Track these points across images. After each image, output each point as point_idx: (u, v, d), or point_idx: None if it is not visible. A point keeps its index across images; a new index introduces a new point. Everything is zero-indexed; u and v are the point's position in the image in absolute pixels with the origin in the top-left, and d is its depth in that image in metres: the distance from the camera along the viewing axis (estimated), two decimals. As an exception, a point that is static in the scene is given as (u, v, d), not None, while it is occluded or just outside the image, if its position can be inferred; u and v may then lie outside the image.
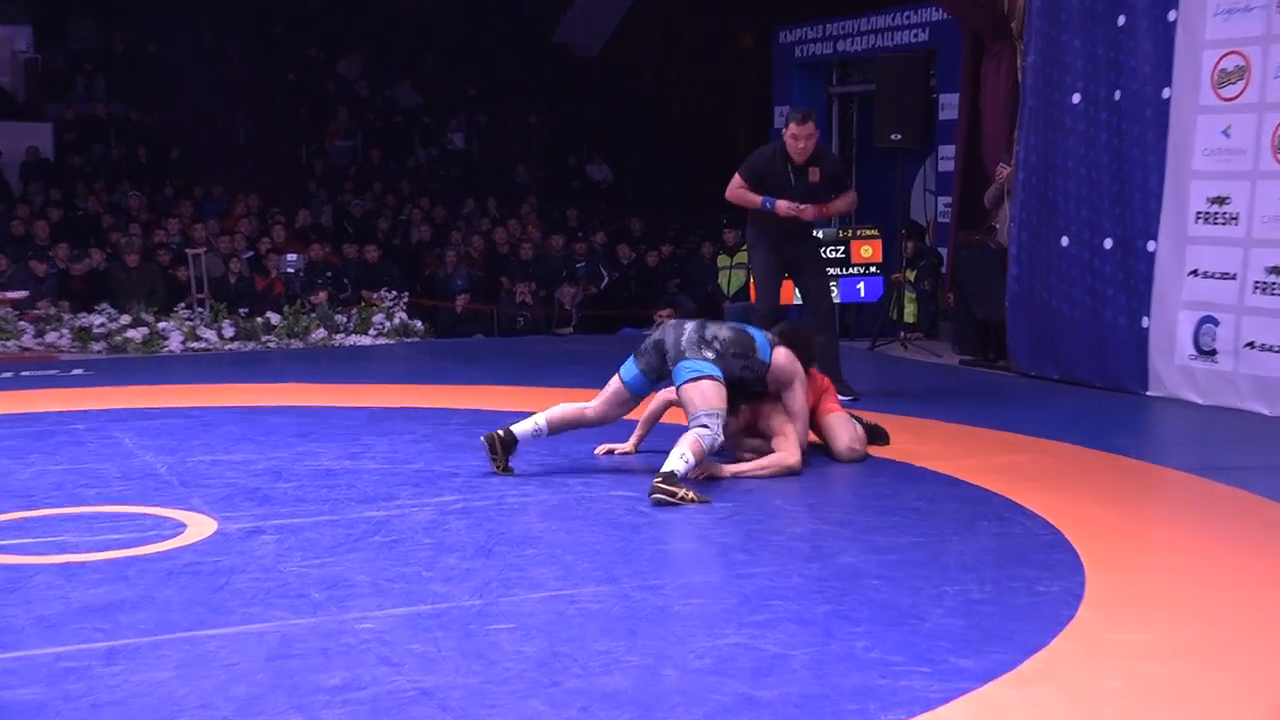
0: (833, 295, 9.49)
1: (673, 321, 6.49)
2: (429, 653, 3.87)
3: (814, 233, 9.19)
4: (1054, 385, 9.56)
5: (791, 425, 6.46)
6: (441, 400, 8.77)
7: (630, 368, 6.42)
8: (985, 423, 7.84)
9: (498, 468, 6.34)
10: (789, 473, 6.36)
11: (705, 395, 6.12)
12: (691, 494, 5.75)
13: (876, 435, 7.11)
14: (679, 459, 5.84)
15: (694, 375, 6.16)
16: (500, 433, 6.35)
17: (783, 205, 8.47)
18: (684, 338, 6.24)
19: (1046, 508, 5.71)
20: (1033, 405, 8.80)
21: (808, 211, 8.53)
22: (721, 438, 6.09)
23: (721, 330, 6.32)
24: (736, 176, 8.68)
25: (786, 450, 6.39)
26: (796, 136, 8.50)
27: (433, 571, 4.72)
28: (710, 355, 6.21)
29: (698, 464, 5.98)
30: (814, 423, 6.82)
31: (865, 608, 4.33)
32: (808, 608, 4.31)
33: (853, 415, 7.00)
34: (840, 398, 7.52)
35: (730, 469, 6.28)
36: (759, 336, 6.43)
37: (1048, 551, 5.04)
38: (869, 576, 4.70)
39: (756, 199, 8.57)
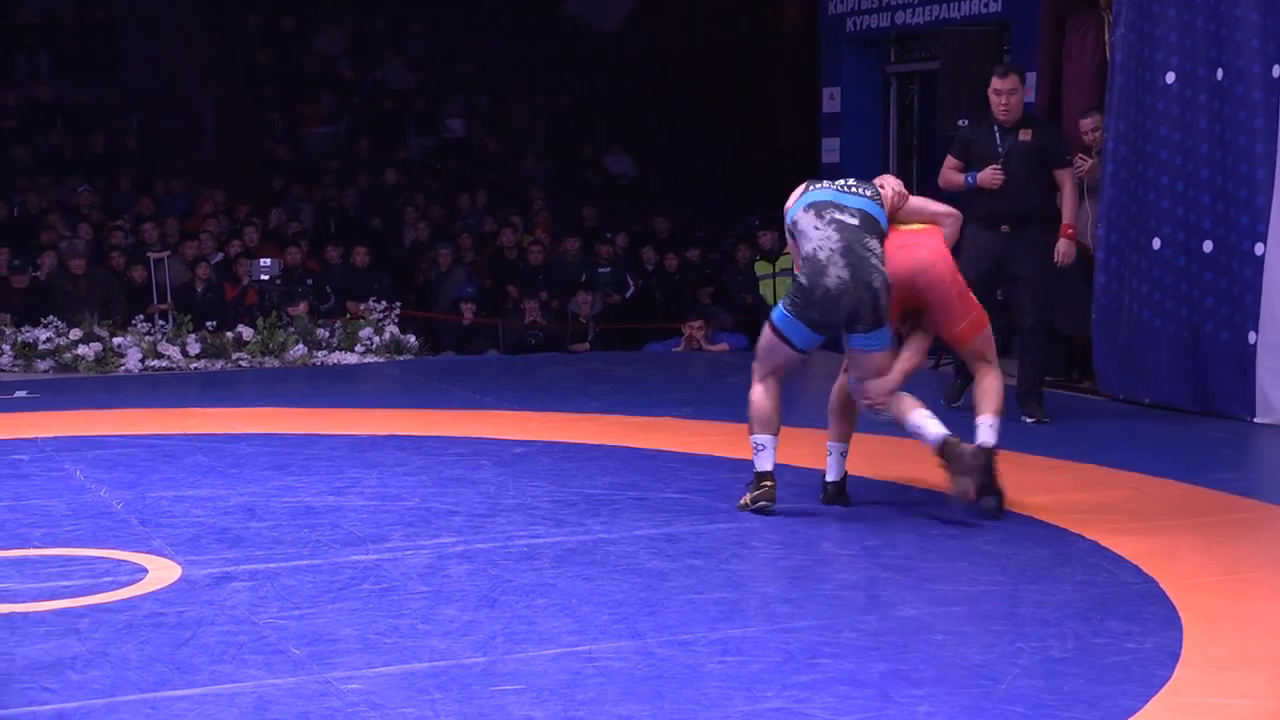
0: (1039, 312, 9.28)
1: None
2: (425, 717, 3.90)
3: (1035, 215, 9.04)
4: (1145, 410, 9.55)
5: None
6: (438, 427, 8.81)
7: None
8: (1066, 454, 7.84)
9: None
10: None
11: None
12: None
13: None
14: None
15: None
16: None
17: (984, 175, 8.70)
18: None
19: (1138, 553, 5.72)
20: (1122, 434, 8.78)
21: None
22: None
23: None
24: (947, 157, 8.92)
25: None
26: (998, 91, 8.77)
27: (429, 624, 4.75)
28: None
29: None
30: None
31: (928, 667, 4.34)
32: (862, 667, 4.33)
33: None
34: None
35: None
36: None
37: (1139, 603, 5.06)
38: (933, 631, 4.71)
39: (959, 179, 8.81)
